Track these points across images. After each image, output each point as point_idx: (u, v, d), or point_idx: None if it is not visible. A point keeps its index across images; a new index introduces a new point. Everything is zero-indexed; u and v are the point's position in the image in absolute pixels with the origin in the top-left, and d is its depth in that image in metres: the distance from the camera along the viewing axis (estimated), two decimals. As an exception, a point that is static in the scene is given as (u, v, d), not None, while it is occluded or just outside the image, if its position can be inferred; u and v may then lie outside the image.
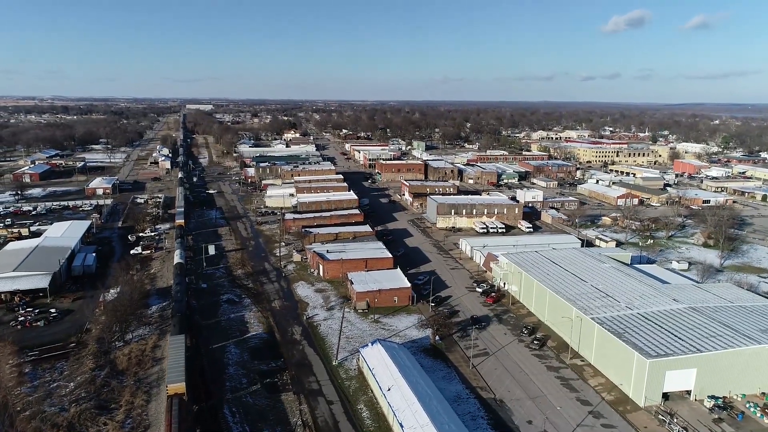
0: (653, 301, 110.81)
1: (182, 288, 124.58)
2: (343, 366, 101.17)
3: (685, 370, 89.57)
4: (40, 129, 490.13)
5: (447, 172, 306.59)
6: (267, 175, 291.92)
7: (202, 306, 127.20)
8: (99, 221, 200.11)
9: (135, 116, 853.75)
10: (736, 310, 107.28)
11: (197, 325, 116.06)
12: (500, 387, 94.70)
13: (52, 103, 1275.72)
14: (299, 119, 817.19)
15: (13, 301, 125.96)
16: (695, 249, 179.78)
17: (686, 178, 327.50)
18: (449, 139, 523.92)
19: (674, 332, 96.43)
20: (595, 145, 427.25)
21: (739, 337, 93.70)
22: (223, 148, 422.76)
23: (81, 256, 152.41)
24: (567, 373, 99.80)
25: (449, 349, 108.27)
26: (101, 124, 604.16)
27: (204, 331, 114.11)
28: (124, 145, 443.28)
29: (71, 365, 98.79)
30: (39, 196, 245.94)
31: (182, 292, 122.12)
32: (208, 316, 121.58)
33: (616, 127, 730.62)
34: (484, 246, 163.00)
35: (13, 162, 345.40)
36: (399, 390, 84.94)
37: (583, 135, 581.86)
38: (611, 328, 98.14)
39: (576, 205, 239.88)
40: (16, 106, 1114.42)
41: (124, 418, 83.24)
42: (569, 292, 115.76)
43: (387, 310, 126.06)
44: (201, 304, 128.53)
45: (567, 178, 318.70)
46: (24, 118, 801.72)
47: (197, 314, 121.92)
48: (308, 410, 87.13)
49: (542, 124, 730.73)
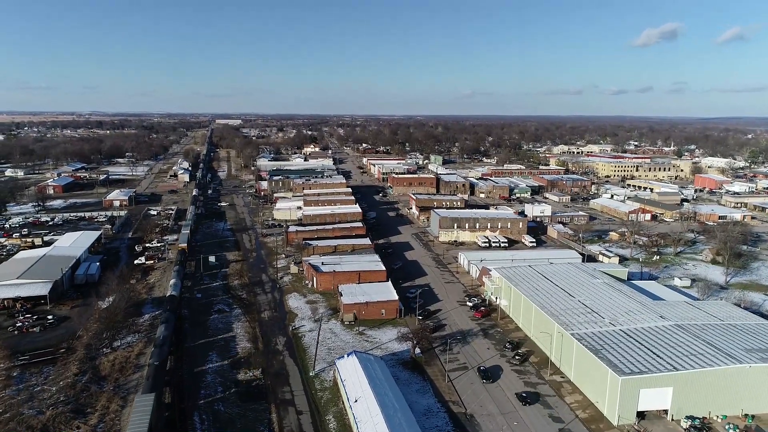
0: (639, 317, 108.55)
1: (167, 332, 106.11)
2: (320, 377, 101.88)
3: (660, 388, 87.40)
4: (69, 143, 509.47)
5: (458, 186, 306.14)
6: (279, 189, 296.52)
7: (193, 315, 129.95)
8: (110, 232, 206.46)
9: (164, 131, 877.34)
10: (725, 328, 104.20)
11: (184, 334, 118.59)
12: (473, 402, 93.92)
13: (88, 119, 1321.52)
14: (323, 133, 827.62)
15: (15, 307, 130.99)
16: (702, 266, 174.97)
17: (706, 193, 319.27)
18: (468, 154, 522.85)
19: (654, 350, 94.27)
20: (615, 160, 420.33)
21: (721, 356, 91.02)
22: (243, 161, 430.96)
23: (85, 265, 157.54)
24: (544, 389, 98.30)
25: (429, 362, 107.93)
26: (130, 138, 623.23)
27: (189, 339, 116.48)
28: (148, 158, 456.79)
29: (57, 370, 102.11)
30: (59, 208, 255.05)
31: (167, 336, 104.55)
32: (197, 325, 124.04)
33: (642, 141, 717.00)
34: (482, 260, 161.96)
35: (41, 175, 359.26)
36: (365, 402, 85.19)
37: (605, 149, 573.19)
38: (589, 345, 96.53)
39: (585, 219, 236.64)
40: (55, 122, 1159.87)
41: (97, 422, 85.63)
42: (554, 307, 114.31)
43: (374, 322, 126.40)
44: (192, 312, 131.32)
45: (582, 193, 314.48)
46: (60, 132, 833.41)
47: (187, 322, 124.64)
48: (277, 420, 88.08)
49: (565, 139, 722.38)
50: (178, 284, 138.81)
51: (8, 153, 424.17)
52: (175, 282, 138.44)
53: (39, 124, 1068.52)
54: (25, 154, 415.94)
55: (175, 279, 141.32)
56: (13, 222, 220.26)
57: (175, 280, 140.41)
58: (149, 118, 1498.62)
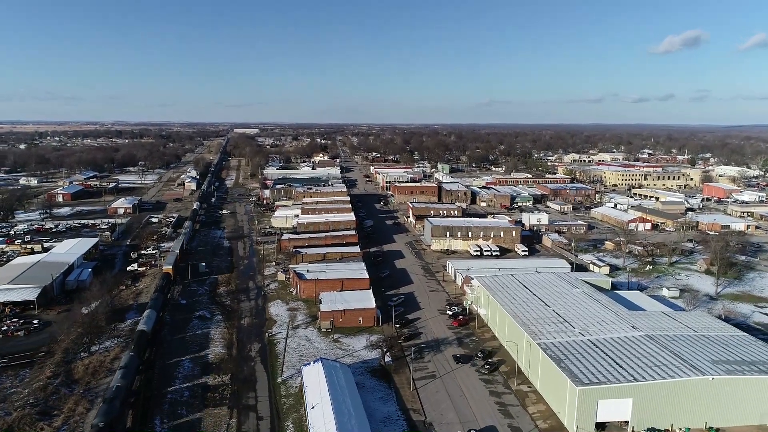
0: (611, 327, 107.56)
1: (123, 383, 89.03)
2: (286, 384, 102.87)
3: (620, 399, 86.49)
4: (84, 152, 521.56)
5: (460, 194, 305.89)
6: (282, 197, 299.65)
7: (174, 321, 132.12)
8: (110, 239, 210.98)
9: (181, 140, 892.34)
10: (697, 339, 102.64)
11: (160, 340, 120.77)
12: (434, 410, 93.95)
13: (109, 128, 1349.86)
14: (335, 142, 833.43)
15: (3, 311, 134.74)
16: (695, 276, 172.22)
17: (714, 203, 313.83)
18: (476, 162, 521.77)
19: (618, 360, 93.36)
20: (623, 168, 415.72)
21: (685, 368, 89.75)
22: (251, 170, 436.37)
23: (78, 271, 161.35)
24: (509, 399, 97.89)
25: (398, 370, 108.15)
26: (146, 147, 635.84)
27: (165, 345, 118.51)
28: (159, 167, 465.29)
29: (33, 373, 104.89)
30: (65, 215, 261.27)
31: (121, 388, 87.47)
32: (175, 331, 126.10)
33: (657, 149, 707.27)
34: (468, 269, 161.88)
35: (53, 183, 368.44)
36: (322, 408, 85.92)
37: (617, 158, 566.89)
38: (554, 354, 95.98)
39: (583, 229, 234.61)
40: (77, 131, 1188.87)
41: (60, 425, 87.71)
42: (526, 316, 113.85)
43: (351, 330, 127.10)
44: (174, 319, 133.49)
45: (585, 202, 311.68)
46: (81, 141, 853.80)
47: (167, 328, 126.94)
48: (236, 425, 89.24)
49: (578, 147, 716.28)
50: (153, 317, 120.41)
51: (24, 162, 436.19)
52: (149, 314, 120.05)
53: (61, 133, 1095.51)
54: (41, 163, 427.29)
55: (151, 310, 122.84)
56: (18, 229, 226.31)
57: (150, 311, 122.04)
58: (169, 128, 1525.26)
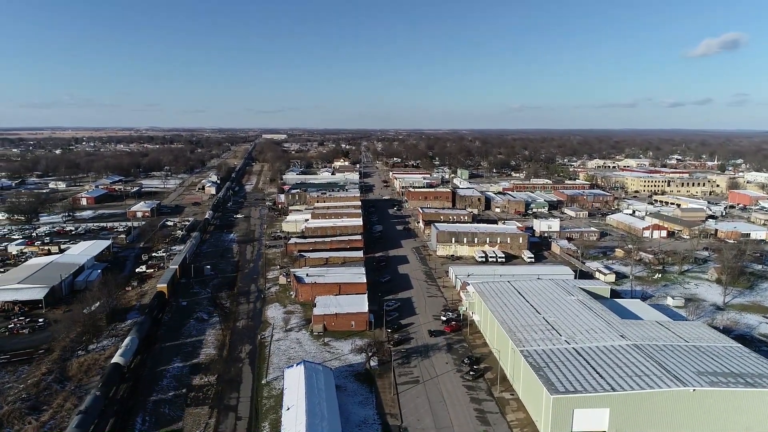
0: (598, 336, 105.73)
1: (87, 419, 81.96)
2: (270, 385, 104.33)
3: (596, 409, 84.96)
4: (113, 157, 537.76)
5: (474, 200, 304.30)
6: (296, 201, 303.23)
7: (172, 322, 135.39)
8: (124, 241, 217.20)
9: (210, 145, 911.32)
10: (687, 350, 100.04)
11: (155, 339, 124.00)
12: (411, 415, 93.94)
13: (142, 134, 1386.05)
14: (360, 148, 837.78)
15: (13, 310, 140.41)
16: (705, 285, 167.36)
17: (738, 210, 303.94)
18: (497, 167, 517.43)
19: (598, 369, 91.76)
20: (647, 174, 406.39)
21: (666, 378, 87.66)
22: (271, 175, 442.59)
23: (87, 272, 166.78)
24: (489, 406, 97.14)
25: (382, 375, 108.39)
26: (174, 152, 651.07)
27: (159, 344, 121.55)
28: (183, 171, 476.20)
29: (30, 369, 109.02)
30: (87, 218, 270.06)
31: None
32: (171, 332, 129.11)
33: (686, 155, 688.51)
34: (469, 275, 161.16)
35: (80, 187, 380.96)
36: (296, 410, 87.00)
37: (643, 164, 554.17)
38: (534, 362, 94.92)
39: (595, 235, 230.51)
40: (111, 137, 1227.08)
41: (48, 419, 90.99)
42: (515, 323, 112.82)
43: (342, 333, 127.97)
44: (172, 320, 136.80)
45: (603, 208, 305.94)
46: (114, 147, 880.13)
47: (163, 328, 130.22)
48: (214, 424, 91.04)
49: (603, 153, 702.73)
50: (132, 347, 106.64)
51: (56, 166, 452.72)
52: (129, 342, 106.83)
53: (97, 139, 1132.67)
54: (70, 168, 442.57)
55: (132, 337, 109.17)
56: (40, 231, 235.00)
57: (131, 338, 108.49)
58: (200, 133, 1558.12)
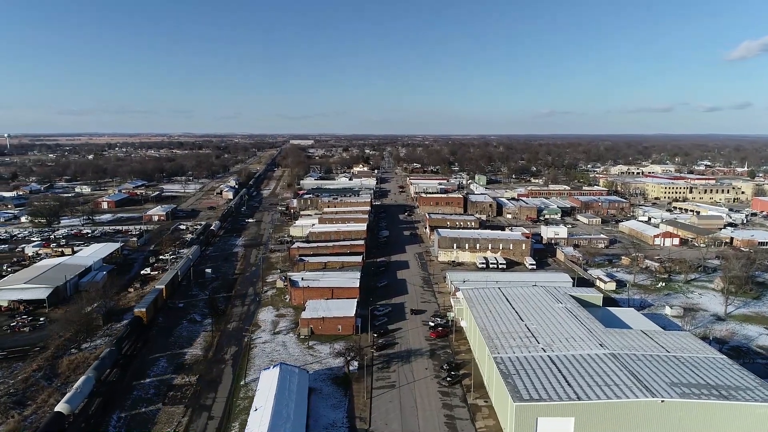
0: (576, 344, 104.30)
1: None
2: (248, 386, 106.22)
3: (561, 418, 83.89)
4: (138, 162, 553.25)
5: (485, 206, 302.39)
6: (308, 206, 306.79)
7: (166, 322, 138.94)
8: (135, 244, 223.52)
9: (237, 151, 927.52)
10: (666, 360, 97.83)
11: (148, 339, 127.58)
12: (381, 420, 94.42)
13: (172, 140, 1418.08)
14: (382, 153, 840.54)
15: (19, 308, 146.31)
16: (710, 294, 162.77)
17: (761, 217, 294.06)
18: (517, 173, 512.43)
19: (568, 377, 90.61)
20: (669, 181, 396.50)
21: (636, 389, 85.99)
22: (289, 180, 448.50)
23: (93, 273, 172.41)
24: (461, 413, 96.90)
25: (360, 379, 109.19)
26: (199, 157, 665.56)
27: (150, 343, 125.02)
28: (205, 176, 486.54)
29: (23, 366, 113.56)
30: (105, 221, 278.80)
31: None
32: (164, 333, 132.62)
33: (716, 161, 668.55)
34: (464, 281, 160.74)
35: (104, 191, 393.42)
36: (262, 411, 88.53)
37: (669, 170, 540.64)
38: (504, 369, 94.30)
39: (605, 242, 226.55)
40: (143, 142, 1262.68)
41: (30, 413, 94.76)
42: (495, 330, 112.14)
43: (329, 337, 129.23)
44: (167, 320, 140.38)
45: (618, 215, 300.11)
46: (144, 152, 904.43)
47: (156, 329, 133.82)
48: (186, 423, 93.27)
49: (629, 159, 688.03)
50: (86, 389, 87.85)
51: (83, 171, 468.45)
52: (81, 385, 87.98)
53: (129, 144, 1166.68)
54: (97, 172, 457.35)
55: (87, 377, 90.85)
56: (59, 233, 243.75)
57: (84, 378, 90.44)
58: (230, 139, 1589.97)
